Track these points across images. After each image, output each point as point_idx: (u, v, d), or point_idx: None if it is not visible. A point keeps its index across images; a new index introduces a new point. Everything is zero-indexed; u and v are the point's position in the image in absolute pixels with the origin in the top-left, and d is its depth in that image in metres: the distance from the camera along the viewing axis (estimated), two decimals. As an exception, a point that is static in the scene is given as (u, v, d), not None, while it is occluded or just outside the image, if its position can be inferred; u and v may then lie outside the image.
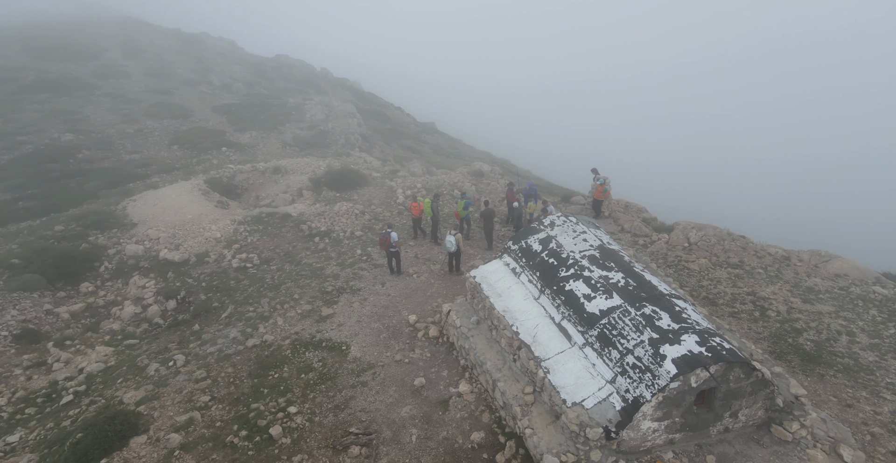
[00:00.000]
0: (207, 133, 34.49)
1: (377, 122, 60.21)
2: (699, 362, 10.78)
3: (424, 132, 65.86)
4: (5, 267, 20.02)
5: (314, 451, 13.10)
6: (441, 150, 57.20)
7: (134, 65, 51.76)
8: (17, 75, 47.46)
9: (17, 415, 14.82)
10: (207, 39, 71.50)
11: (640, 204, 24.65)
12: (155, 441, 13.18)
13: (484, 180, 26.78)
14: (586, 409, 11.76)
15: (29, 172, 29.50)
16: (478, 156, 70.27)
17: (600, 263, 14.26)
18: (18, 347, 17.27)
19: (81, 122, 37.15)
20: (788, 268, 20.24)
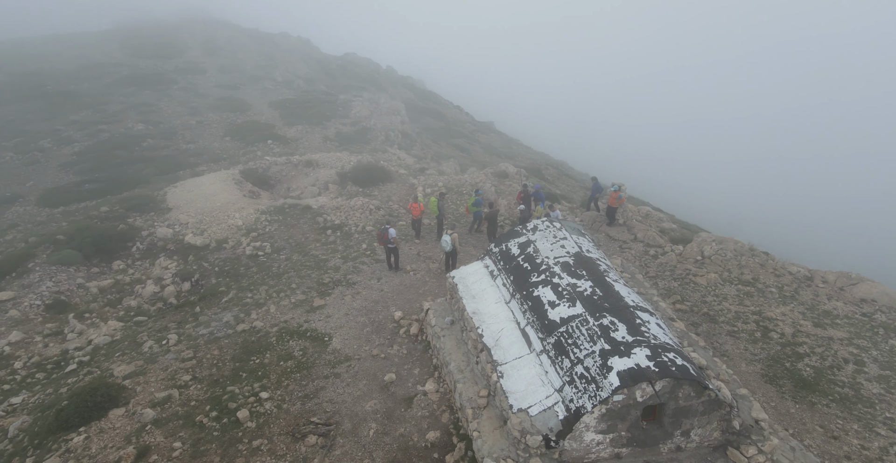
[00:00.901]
0: (258, 126, 35.70)
1: (432, 119, 60.31)
2: (644, 377, 10.37)
3: (479, 131, 65.42)
4: (51, 242, 21.51)
5: (275, 437, 13.33)
6: (493, 149, 56.67)
7: (210, 62, 54.30)
8: (113, 70, 51.02)
9: (28, 379, 15.89)
10: (278, 38, 73.94)
11: (666, 211, 23.57)
12: (131, 414, 13.80)
13: (507, 181, 26.31)
14: (530, 416, 11.50)
15: (100, 158, 31.60)
16: (533, 156, 69.20)
17: (572, 271, 13.76)
18: (46, 316, 18.51)
19: (154, 113, 39.41)
20: (808, 289, 18.80)
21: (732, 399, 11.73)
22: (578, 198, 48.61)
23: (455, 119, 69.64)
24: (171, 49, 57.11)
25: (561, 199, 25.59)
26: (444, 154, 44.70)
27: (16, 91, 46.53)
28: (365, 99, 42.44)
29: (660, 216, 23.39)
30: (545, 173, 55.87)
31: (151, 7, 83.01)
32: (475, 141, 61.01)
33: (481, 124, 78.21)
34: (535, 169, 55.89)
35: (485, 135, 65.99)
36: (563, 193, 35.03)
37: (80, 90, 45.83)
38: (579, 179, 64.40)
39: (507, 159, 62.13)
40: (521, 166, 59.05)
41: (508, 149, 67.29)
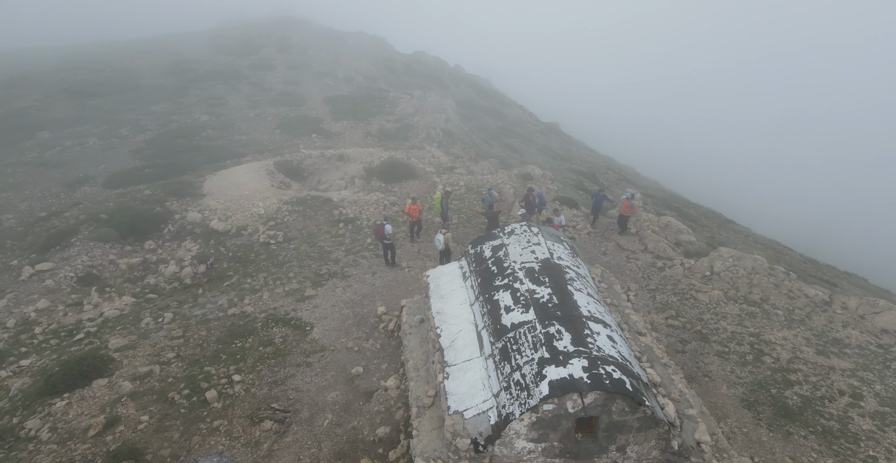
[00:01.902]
0: (308, 120, 36.36)
1: (490, 119, 59.37)
2: (575, 388, 9.79)
3: (539, 132, 63.81)
4: (95, 220, 22.75)
5: (235, 419, 13.41)
6: (549, 151, 55.11)
7: (281, 59, 55.96)
8: (197, 67, 53.75)
9: (43, 344, 16.81)
10: (348, 36, 74.99)
11: (675, 225, 21.87)
12: (112, 385, 14.27)
13: (530, 184, 25.29)
14: (465, 419, 11.07)
15: (163, 145, 33.25)
16: (594, 160, 66.88)
17: (534, 277, 13.04)
18: (75, 288, 19.55)
19: (220, 106, 41.08)
20: (823, 314, 16.99)
21: (676, 419, 10.76)
22: None
23: (515, 119, 68.30)
24: (249, 47, 59.38)
25: (580, 205, 24.27)
26: (492, 154, 43.86)
27: (118, 84, 49.88)
28: (414, 97, 42.29)
29: (679, 228, 21.76)
30: (601, 178, 53.77)
31: (248, 8, 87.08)
32: (532, 142, 59.53)
33: (545, 125, 76.31)
34: (590, 173, 53.94)
35: (544, 136, 64.35)
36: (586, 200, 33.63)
37: (166, 84, 48.52)
38: (641, 185, 61.62)
39: (564, 161, 60.32)
40: (578, 169, 57.21)
41: (567, 151, 65.29)
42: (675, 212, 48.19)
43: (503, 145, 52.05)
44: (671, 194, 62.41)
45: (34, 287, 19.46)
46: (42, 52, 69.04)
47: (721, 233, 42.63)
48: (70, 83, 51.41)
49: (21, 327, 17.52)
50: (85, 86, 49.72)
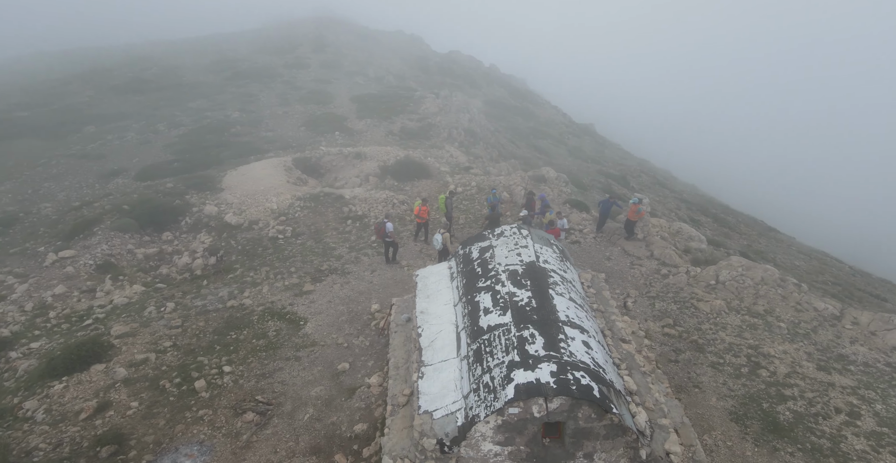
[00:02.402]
0: (333, 118, 36.52)
1: (521, 119, 58.66)
2: (540, 392, 9.57)
3: (572, 133, 62.73)
4: (117, 210, 23.32)
5: (220, 409, 13.47)
6: (580, 152, 54.11)
7: (315, 57, 56.49)
8: (234, 65, 54.82)
9: (55, 327, 17.26)
10: (382, 35, 75.15)
11: (691, 232, 20.97)
12: (108, 371, 14.53)
13: (543, 186, 24.79)
14: (433, 419, 10.92)
15: (193, 140, 33.94)
16: (628, 162, 65.48)
17: (516, 280, 12.71)
18: (92, 275, 20.04)
19: (252, 103, 41.73)
20: (831, 329, 16.08)
21: (647, 428, 10.34)
22: (663, 209, 44.98)
23: (547, 119, 67.28)
24: (286, 46, 60.15)
25: (591, 209, 23.59)
26: (517, 154, 43.29)
27: (161, 81, 51.35)
28: (440, 96, 42.01)
29: (691, 234, 20.91)
30: (632, 181, 52.45)
31: (293, 9, 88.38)
32: (562, 143, 58.53)
33: (579, 126, 74.90)
34: (620, 176, 52.70)
35: (576, 137, 63.22)
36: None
37: (206, 81, 49.60)
38: (676, 190, 59.85)
39: (594, 164, 59.07)
40: (608, 172, 55.92)
41: (599, 153, 63.92)
42: (712, 218, 46.57)
43: (531, 146, 51.33)
44: (708, 199, 60.33)
45: (55, 273, 20.08)
46: (102, 52, 71.78)
47: (760, 241, 40.95)
48: (119, 80, 53.16)
49: (37, 311, 18.07)
50: (132, 83, 51.33)
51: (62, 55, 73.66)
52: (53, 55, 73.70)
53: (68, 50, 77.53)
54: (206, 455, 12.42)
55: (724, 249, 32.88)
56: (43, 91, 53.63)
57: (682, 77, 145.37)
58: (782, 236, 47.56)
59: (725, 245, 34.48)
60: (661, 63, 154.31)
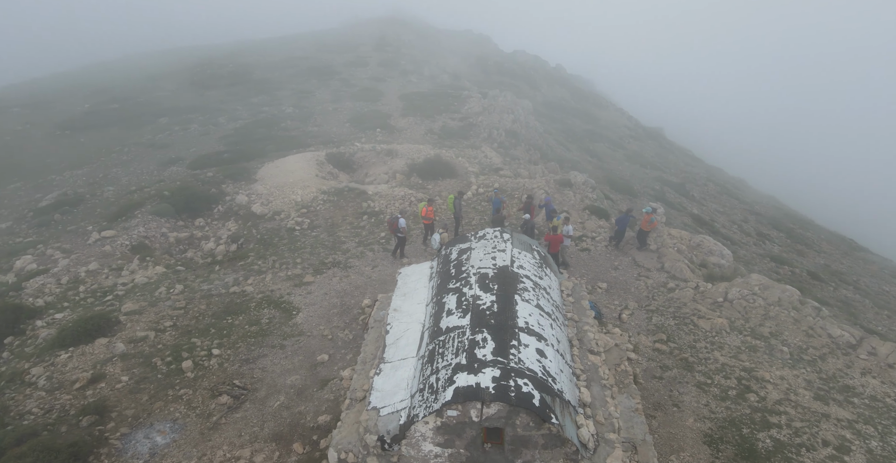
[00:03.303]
0: (377, 115, 36.69)
1: (579, 121, 57.02)
2: (477, 397, 9.30)
3: (634, 137, 60.33)
4: (159, 196, 24.45)
5: (200, 390, 13.75)
6: (639, 157, 51.94)
7: (375, 56, 57.16)
8: (300, 63, 56.46)
9: (81, 301, 18.18)
10: (443, 35, 75.11)
11: (714, 247, 19.44)
12: (110, 345, 15.17)
13: (567, 191, 23.81)
14: (379, 416, 10.80)
15: (245, 133, 35.14)
16: (695, 169, 62.26)
17: (484, 284, 12.26)
18: (125, 254, 21.03)
19: (307, 99, 42.75)
20: (843, 357, 14.62)
21: (590, 441, 9.83)
22: (724, 221, 42.32)
23: (609, 122, 64.94)
24: (349, 45, 61.24)
25: (611, 216, 22.40)
26: (565, 157, 42.06)
27: (233, 78, 53.68)
28: (488, 96, 41.30)
29: (712, 249, 19.46)
30: (693, 189, 49.84)
31: (365, 9, 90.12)
32: (621, 147, 56.32)
33: (645, 130, 71.84)
34: (679, 184, 50.19)
35: (638, 141, 60.69)
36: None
37: (271, 78, 51.33)
38: (747, 201, 56.31)
39: (654, 170, 56.56)
40: (668, 179, 53.36)
41: (662, 159, 60.97)
42: (785, 233, 43.52)
43: (583, 150, 49.76)
44: (787, 213, 56.24)
45: (94, 250, 21.29)
46: (194, 51, 75.77)
47: (843, 261, 37.86)
48: (199, 77, 55.99)
49: (70, 285, 19.19)
50: (208, 79, 53.91)
51: (160, 54, 78.57)
52: (152, 55, 78.67)
53: (167, 49, 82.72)
54: (177, 433, 12.71)
55: (788, 267, 30.60)
56: (135, 86, 57.46)
57: (769, 76, 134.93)
58: (874, 257, 43.57)
59: (792, 263, 32.14)
60: (746, 60, 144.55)
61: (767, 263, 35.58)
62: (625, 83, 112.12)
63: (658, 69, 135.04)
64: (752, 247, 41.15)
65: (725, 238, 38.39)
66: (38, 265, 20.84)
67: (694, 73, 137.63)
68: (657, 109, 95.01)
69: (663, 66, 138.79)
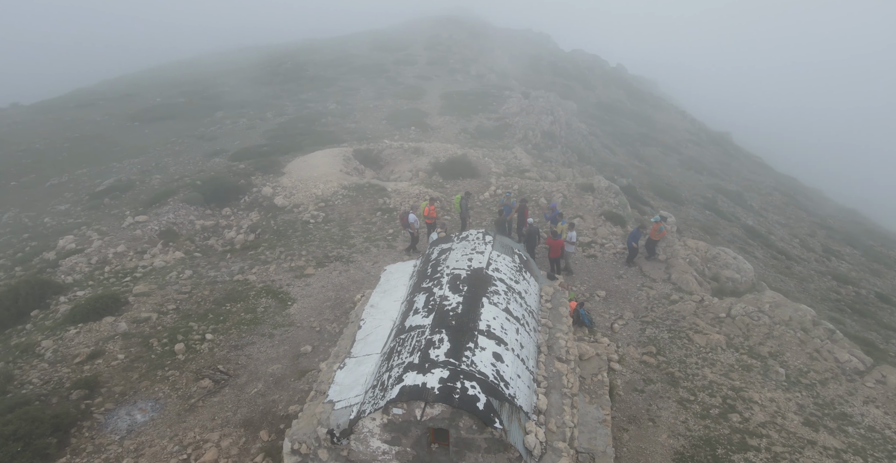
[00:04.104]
0: (415, 114, 36.69)
1: (632, 124, 55.42)
2: (421, 396, 9.13)
3: (694, 142, 57.95)
4: (190, 185, 25.48)
5: (186, 372, 14.13)
6: (695, 164, 49.88)
7: (424, 55, 57.23)
8: (350, 61, 57.42)
9: (104, 280, 18.96)
10: (496, 33, 74.07)
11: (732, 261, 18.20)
12: (114, 324, 15.85)
13: (588, 196, 22.97)
14: (334, 409, 10.78)
15: (287, 128, 36.00)
16: (763, 178, 59.17)
17: (454, 285, 12.00)
18: (153, 239, 21.89)
19: (351, 96, 43.40)
20: (846, 384, 13.51)
21: (537, 448, 9.43)
22: (784, 234, 39.81)
23: (667, 125, 62.40)
24: (401, 44, 61.63)
25: (628, 223, 21.42)
26: (608, 161, 40.83)
27: (288, 74, 55.33)
28: (530, 96, 40.51)
29: (727, 262, 18.26)
30: (752, 199, 47.32)
31: (424, 8, 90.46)
32: (676, 152, 54.07)
33: (709, 135, 68.76)
34: (737, 193, 47.79)
35: (698, 146, 58.09)
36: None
37: (323, 75, 52.37)
38: (820, 214, 52.92)
39: (711, 177, 54.12)
40: (725, 187, 50.81)
41: (723, 165, 58.15)
42: (862, 250, 40.56)
43: (631, 153, 48.13)
44: (867, 229, 52.63)
45: (125, 234, 22.39)
46: (268, 49, 78.57)
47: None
48: (257, 74, 58.19)
49: (98, 265, 20.26)
50: (265, 76, 55.82)
51: (237, 52, 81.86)
52: (230, 52, 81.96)
53: (243, 47, 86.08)
54: (157, 412, 13.10)
55: (852, 287, 28.45)
56: (203, 82, 60.36)
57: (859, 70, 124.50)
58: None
59: (858, 283, 30.03)
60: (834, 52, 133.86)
61: (827, 282, 33.18)
62: (692, 84, 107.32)
63: (730, 67, 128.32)
64: (813, 263, 38.49)
65: (780, 252, 36.09)
66: (76, 245, 22.14)
67: (768, 69, 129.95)
68: (727, 112, 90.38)
69: (736, 63, 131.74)
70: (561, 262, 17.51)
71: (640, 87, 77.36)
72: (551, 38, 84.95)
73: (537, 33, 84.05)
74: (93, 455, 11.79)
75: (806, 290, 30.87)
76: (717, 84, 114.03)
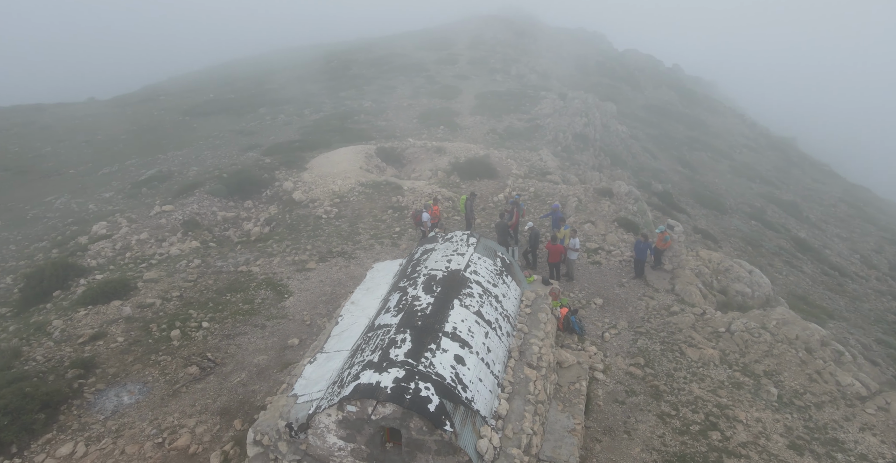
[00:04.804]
0: (446, 113, 36.49)
1: (682, 127, 53.69)
2: (373, 395, 9.18)
3: (751, 148, 55.48)
4: (216, 178, 26.28)
5: (177, 358, 14.49)
6: (748, 171, 47.97)
7: (466, 54, 56.91)
8: (393, 60, 57.80)
9: (122, 266, 19.78)
10: (543, 34, 72.61)
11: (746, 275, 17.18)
12: (120, 308, 16.48)
13: (605, 201, 22.20)
14: (296, 403, 10.97)
15: (320, 124, 36.51)
16: (827, 188, 56.18)
17: (428, 285, 11.90)
18: (174, 228, 22.57)
19: (388, 95, 43.65)
20: (845, 408, 12.79)
21: (489, 453, 9.29)
22: (836, 249, 37.57)
23: (721, 129, 59.80)
24: (445, 43, 61.56)
25: (641, 230, 20.56)
26: (649, 166, 39.64)
27: (333, 73, 56.36)
28: (566, 98, 39.60)
29: (740, 276, 17.29)
30: (808, 211, 44.99)
31: (480, 5, 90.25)
32: (728, 157, 51.84)
33: (771, 140, 65.76)
34: (792, 202, 45.53)
35: (755, 152, 55.66)
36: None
37: (365, 74, 52.94)
38: (891, 229, 49.84)
39: (765, 185, 51.79)
40: (779, 197, 48.36)
41: (782, 173, 55.41)
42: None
43: (675, 158, 46.46)
44: None
45: (151, 222, 23.28)
46: (326, 47, 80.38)
47: None
48: (304, 72, 59.55)
49: (121, 251, 21.05)
50: (311, 74, 57.13)
51: (293, 51, 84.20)
52: (287, 51, 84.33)
53: (297, 46, 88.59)
54: (143, 395, 13.50)
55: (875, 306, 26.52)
56: (254, 78, 62.42)
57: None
58: None
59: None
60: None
61: (886, 303, 31.11)
62: (759, 85, 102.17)
63: (807, 67, 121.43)
64: (873, 282, 36.20)
65: (833, 268, 34.03)
66: (106, 231, 23.20)
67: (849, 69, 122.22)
68: (797, 115, 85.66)
69: (814, 63, 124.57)
70: (561, 267, 17.01)
71: (694, 89, 74.52)
72: (605, 38, 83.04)
73: (591, 32, 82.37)
74: (77, 433, 12.25)
75: (858, 309, 28.91)
76: (789, 85, 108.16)
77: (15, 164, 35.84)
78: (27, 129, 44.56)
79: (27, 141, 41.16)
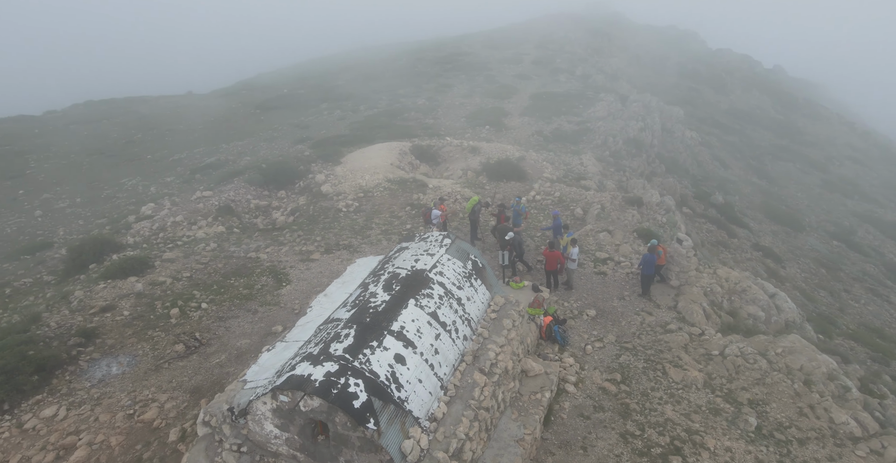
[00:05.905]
0: (496, 112, 35.93)
1: (769, 134, 50.29)
2: (301, 387, 9.33)
3: (853, 159, 51.44)
4: (255, 168, 27.43)
5: (170, 335, 15.29)
6: (845, 185, 44.97)
7: (532, 53, 55.70)
8: (457, 59, 57.24)
9: (157, 244, 20.75)
10: (620, 32, 69.71)
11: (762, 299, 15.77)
12: (134, 283, 17.60)
13: (632, 210, 21.17)
14: (243, 389, 11.25)
15: (372, 121, 37.20)
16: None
17: (389, 283, 11.96)
18: (209, 212, 23.78)
19: (443, 93, 43.64)
20: (830, 447, 11.86)
21: (413, 454, 9.26)
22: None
23: (821, 138, 55.30)
24: (513, 41, 60.60)
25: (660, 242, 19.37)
26: (714, 175, 37.50)
27: (398, 70, 57.23)
28: (628, 101, 37.92)
29: (756, 297, 15.86)
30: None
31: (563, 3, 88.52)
32: (823, 170, 48.17)
33: (887, 151, 60.01)
34: (894, 223, 41.66)
35: (861, 164, 51.87)
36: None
37: (427, 72, 53.13)
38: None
39: (862, 201, 47.72)
40: (870, 214, 44.36)
41: (893, 190, 50.59)
42: None
43: (751, 168, 43.51)
44: None
45: (189, 206, 24.66)
46: (395, 46, 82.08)
47: None
48: (372, 70, 60.94)
49: (156, 231, 22.42)
50: (377, 71, 58.49)
51: (376, 49, 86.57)
52: (372, 49, 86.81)
53: (384, 44, 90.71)
54: (130, 367, 14.32)
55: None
56: (327, 74, 64.68)
57: None
58: None
59: None
60: None
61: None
62: (881, 90, 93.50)
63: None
64: None
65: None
66: (151, 212, 24.85)
67: None
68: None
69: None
70: (560, 276, 16.37)
71: (794, 93, 69.21)
72: (697, 36, 78.92)
73: (681, 30, 78.57)
74: (64, 397, 13.17)
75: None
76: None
77: (109, 148, 39.13)
78: (129, 118, 48.36)
79: (125, 129, 44.78)
